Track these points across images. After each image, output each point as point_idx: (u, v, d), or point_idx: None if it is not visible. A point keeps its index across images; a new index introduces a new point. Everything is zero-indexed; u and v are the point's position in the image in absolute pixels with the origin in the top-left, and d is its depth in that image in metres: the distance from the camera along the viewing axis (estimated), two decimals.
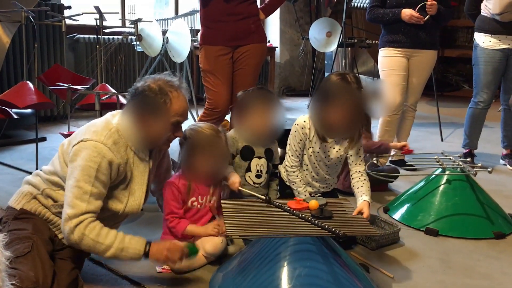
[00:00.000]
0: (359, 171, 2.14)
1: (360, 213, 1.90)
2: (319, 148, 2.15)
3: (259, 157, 2.27)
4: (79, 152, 1.66)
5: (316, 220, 1.73)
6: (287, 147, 2.20)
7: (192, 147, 1.97)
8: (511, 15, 3.30)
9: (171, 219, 1.97)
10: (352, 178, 2.14)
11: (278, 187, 2.40)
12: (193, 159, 1.97)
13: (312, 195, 2.20)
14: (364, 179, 2.11)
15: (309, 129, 2.13)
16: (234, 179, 2.06)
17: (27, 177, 1.84)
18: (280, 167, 2.31)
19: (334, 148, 2.16)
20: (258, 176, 2.27)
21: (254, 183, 2.27)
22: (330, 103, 1.99)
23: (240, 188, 2.06)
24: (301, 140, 2.15)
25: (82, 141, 1.68)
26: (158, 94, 1.73)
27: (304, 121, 2.14)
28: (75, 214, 1.61)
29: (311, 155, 2.17)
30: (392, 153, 3.47)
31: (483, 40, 3.45)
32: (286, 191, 2.29)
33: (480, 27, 3.48)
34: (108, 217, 1.79)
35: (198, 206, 2.02)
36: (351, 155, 2.17)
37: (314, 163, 2.19)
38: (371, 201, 2.03)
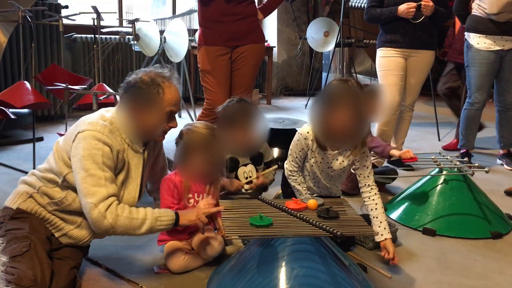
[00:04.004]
0: (369, 185, 2.06)
1: (386, 251, 1.93)
2: (322, 159, 2.11)
3: (245, 165, 2.31)
4: (78, 144, 1.66)
5: (314, 220, 1.73)
6: (289, 151, 2.17)
7: (187, 146, 1.96)
8: (507, 15, 3.27)
9: None
10: (362, 192, 2.08)
11: (274, 175, 2.47)
12: (189, 158, 1.96)
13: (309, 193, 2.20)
14: (375, 194, 2.04)
15: (311, 140, 2.07)
16: (235, 182, 2.26)
17: (23, 177, 1.84)
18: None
19: (337, 159, 2.10)
20: (248, 182, 2.33)
21: (246, 190, 2.30)
22: (334, 109, 1.90)
23: (244, 188, 2.24)
24: (302, 149, 2.11)
25: (79, 132, 1.68)
26: (150, 85, 1.75)
27: (308, 132, 2.08)
28: (99, 199, 1.61)
29: (312, 165, 2.13)
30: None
31: (477, 42, 3.43)
32: (289, 190, 2.28)
33: (474, 27, 3.44)
34: None
35: (195, 204, 2.02)
36: (358, 168, 2.09)
37: (315, 172, 2.15)
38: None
